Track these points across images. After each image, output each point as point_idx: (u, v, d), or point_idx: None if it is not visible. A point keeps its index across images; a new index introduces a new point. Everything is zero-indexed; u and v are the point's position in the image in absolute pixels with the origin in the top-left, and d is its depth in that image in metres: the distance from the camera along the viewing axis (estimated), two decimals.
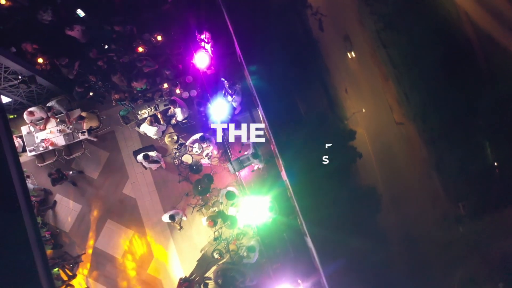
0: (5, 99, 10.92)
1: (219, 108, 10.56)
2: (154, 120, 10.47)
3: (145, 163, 10.41)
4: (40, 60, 11.12)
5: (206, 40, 10.98)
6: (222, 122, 10.99)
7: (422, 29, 11.14)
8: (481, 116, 11.02)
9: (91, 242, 11.62)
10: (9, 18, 10.86)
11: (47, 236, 11.22)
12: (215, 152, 11.37)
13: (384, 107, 11.23)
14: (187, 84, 11.54)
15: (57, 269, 11.04)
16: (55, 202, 11.82)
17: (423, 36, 11.14)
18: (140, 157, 10.31)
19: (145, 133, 10.96)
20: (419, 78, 11.14)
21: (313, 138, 10.66)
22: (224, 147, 11.27)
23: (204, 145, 10.78)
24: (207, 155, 10.93)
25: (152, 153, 10.43)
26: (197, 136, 10.50)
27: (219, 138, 10.46)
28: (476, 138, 11.12)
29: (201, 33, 10.83)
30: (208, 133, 10.64)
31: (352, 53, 11.52)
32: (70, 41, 11.18)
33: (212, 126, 10.54)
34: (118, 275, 11.45)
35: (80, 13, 11.20)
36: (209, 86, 11.49)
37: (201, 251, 11.00)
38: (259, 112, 11.21)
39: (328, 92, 11.25)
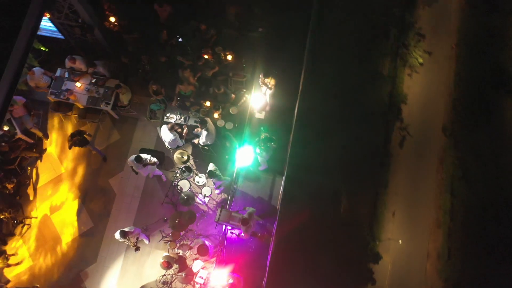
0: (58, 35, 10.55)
1: (245, 154, 9.35)
2: (175, 128, 9.48)
3: (135, 166, 9.28)
4: (112, 19, 10.73)
5: (269, 86, 10.00)
6: (242, 168, 9.86)
7: (496, 203, 9.86)
8: None
9: (47, 212, 10.52)
10: None
11: (13, 179, 10.31)
12: (216, 192, 10.06)
13: (422, 251, 9.87)
14: (228, 115, 10.47)
15: (4, 216, 10.05)
16: (44, 150, 11.00)
17: (493, 211, 9.80)
18: (132, 157, 9.22)
19: (161, 137, 9.96)
20: (470, 249, 9.69)
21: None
22: (229, 194, 9.94)
23: (210, 180, 9.54)
24: (206, 193, 9.67)
25: (153, 159, 9.32)
26: (210, 167, 9.30)
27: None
28: None
29: (267, 77, 9.89)
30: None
31: (418, 183, 10.42)
32: (149, 14, 10.75)
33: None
34: (54, 259, 10.15)
35: None
36: (250, 128, 10.40)
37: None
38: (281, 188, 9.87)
39: (376, 205, 10.22)
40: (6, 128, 10.26)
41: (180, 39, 10.78)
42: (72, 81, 10.65)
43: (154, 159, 9.49)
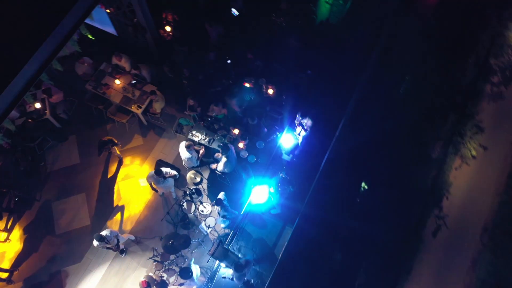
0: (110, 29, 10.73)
1: (260, 191, 8.74)
2: (193, 147, 9.11)
3: (155, 181, 8.89)
4: (167, 28, 10.82)
5: (305, 127, 9.45)
6: (256, 208, 9.22)
7: None
8: None
9: (51, 198, 10.27)
10: None
11: (29, 157, 10.25)
12: (220, 224, 9.41)
13: None
14: (253, 148, 9.98)
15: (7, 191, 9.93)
16: (66, 138, 10.94)
17: None
18: (151, 173, 8.84)
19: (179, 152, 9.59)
20: None
21: None
22: (232, 230, 9.26)
23: (217, 208, 8.97)
24: (210, 224, 9.06)
25: (172, 171, 8.92)
26: (220, 195, 8.73)
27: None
28: None
29: (305, 118, 9.35)
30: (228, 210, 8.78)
31: (444, 279, 9.63)
32: (200, 34, 10.76)
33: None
34: (41, 248, 9.78)
35: (234, 12, 10.74)
36: (272, 167, 9.83)
37: None
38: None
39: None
40: (38, 105, 10.32)
41: (229, 61, 10.64)
42: (112, 77, 10.68)
43: (174, 172, 9.09)
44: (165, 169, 8.87)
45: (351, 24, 11.60)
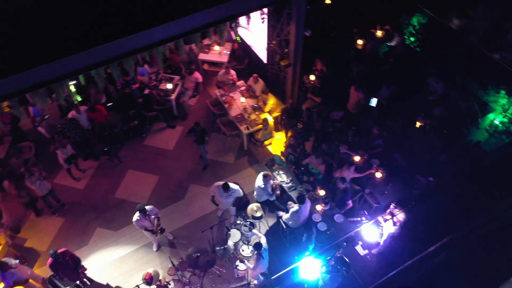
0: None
1: (310, 265, 7.41)
2: (270, 178, 8.50)
3: (219, 194, 8.45)
4: (311, 77, 10.83)
5: (395, 220, 7.95)
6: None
7: None
8: None
9: (130, 163, 10.65)
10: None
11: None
12: (254, 277, 8.22)
13: None
14: (329, 218, 8.72)
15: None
16: (174, 126, 11.43)
17: None
18: (219, 183, 8.39)
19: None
20: None
21: None
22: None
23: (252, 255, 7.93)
24: (240, 267, 7.99)
25: (240, 191, 8.47)
26: (263, 242, 7.68)
27: None
28: None
29: (399, 208, 7.88)
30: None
31: None
32: (339, 93, 10.47)
33: None
34: (95, 199, 9.98)
35: (373, 102, 10.26)
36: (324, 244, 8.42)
37: None
38: None
39: None
40: (170, 86, 11.13)
41: (351, 130, 9.99)
42: (241, 93, 10.99)
43: (241, 192, 8.60)
44: (233, 186, 8.36)
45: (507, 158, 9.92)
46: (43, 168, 9.49)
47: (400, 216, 7.71)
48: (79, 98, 9.89)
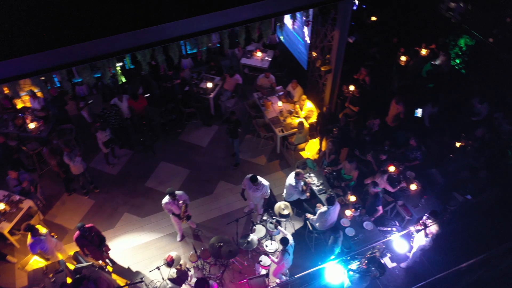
0: None
1: (335, 269, 7.14)
2: (301, 177, 8.35)
3: (248, 186, 8.45)
4: (351, 87, 10.76)
5: (427, 231, 7.57)
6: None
7: None
8: None
9: (163, 155, 10.83)
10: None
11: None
12: (277, 276, 7.99)
13: None
14: (358, 224, 8.43)
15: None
16: (210, 125, 11.60)
17: None
18: (248, 176, 8.36)
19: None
20: None
21: None
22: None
23: (276, 250, 7.74)
24: (264, 262, 7.81)
25: (266, 183, 8.36)
26: (290, 239, 7.50)
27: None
28: None
29: (433, 220, 7.49)
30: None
31: None
32: (379, 103, 10.36)
33: None
34: (127, 186, 10.15)
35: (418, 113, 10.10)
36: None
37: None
38: None
39: None
40: (209, 85, 11.38)
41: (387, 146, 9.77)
42: (279, 98, 11.05)
43: (269, 190, 8.53)
44: (261, 179, 8.30)
45: None
46: (80, 150, 9.83)
47: (433, 228, 7.35)
48: (123, 79, 10.20)
